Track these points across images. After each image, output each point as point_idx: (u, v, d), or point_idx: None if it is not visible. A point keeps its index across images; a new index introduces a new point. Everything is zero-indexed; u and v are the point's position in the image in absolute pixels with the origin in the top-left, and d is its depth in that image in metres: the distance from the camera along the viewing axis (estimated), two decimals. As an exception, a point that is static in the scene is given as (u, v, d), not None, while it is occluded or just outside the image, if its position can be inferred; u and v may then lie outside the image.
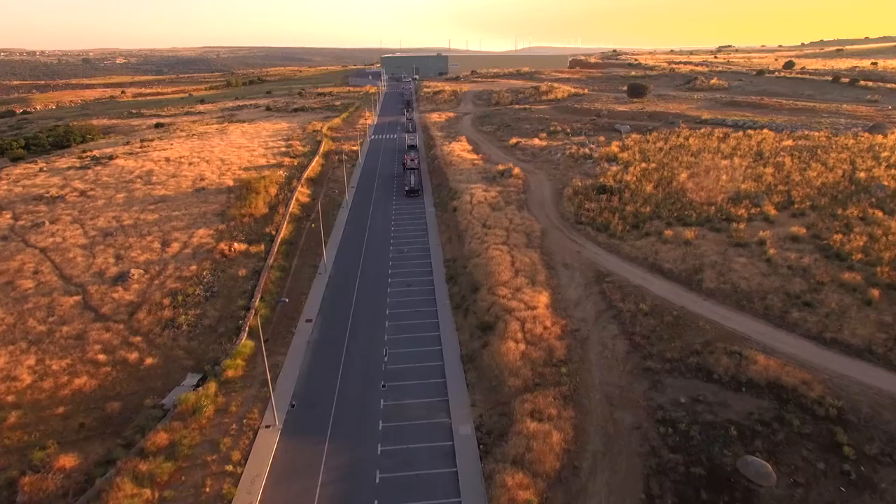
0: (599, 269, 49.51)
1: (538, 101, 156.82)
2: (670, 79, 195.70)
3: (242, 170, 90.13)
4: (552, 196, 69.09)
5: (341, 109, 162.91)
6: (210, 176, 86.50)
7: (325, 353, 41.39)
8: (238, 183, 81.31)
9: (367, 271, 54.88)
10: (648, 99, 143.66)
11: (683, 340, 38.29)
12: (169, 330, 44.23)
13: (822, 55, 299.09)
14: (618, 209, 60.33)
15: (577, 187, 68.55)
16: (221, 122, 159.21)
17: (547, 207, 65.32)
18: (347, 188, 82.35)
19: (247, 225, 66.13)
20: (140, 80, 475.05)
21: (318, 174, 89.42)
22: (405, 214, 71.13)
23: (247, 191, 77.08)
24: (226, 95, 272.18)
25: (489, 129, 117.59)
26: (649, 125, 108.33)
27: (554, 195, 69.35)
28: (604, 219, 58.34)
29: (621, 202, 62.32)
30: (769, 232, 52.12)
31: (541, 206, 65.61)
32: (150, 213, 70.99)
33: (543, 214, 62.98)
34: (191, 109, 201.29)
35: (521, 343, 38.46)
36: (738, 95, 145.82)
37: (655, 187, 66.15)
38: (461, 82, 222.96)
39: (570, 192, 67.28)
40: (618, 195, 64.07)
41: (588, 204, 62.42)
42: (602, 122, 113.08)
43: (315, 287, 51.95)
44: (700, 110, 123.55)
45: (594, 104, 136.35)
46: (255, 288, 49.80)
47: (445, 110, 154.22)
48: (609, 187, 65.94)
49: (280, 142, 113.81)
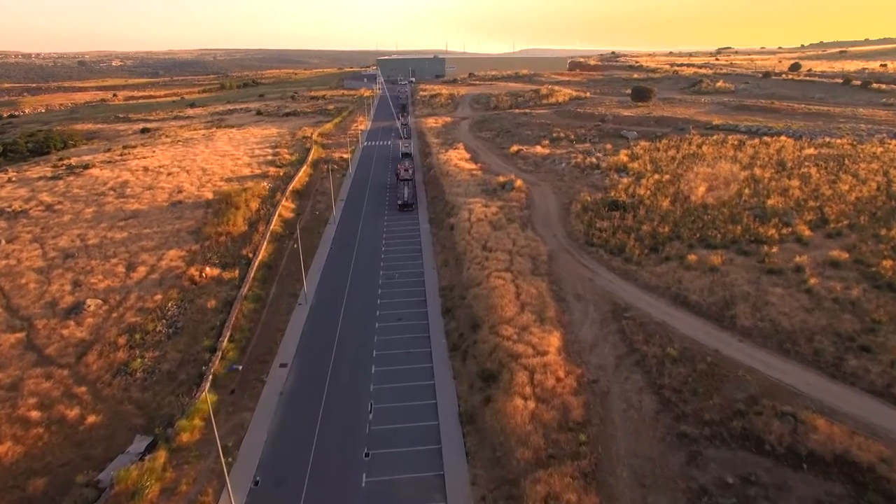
0: (616, 301, 43.54)
1: (538, 105, 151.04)
2: (674, 81, 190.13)
3: (224, 181, 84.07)
4: (558, 212, 63.11)
5: (334, 114, 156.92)
6: (188, 188, 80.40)
7: (301, 407, 35.30)
8: (217, 196, 75.26)
9: (354, 301, 48.79)
10: (653, 102, 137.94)
11: (722, 396, 32.29)
12: (121, 377, 38.07)
13: (826, 57, 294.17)
14: (633, 229, 54.36)
15: (587, 202, 62.57)
16: (209, 127, 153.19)
17: (553, 225, 59.33)
18: (335, 202, 76.23)
19: (223, 245, 59.98)
20: (133, 83, 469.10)
21: (304, 185, 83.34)
22: (397, 232, 65.07)
23: (226, 205, 71.04)
24: (218, 99, 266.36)
25: (488, 136, 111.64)
26: (657, 131, 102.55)
27: (560, 211, 63.37)
28: (618, 240, 52.36)
29: (636, 220, 56.37)
30: (806, 257, 46.16)
31: (546, 224, 59.62)
32: (119, 231, 64.86)
33: (550, 234, 56.98)
34: (180, 114, 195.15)
35: (531, 400, 32.43)
36: (746, 99, 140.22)
37: (672, 202, 60.25)
38: (458, 85, 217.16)
39: (579, 209, 61.31)
40: (632, 212, 58.13)
41: (600, 222, 56.41)
42: (607, 128, 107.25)
43: (294, 321, 45.84)
44: (709, 115, 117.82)
45: (597, 108, 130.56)
46: (225, 324, 43.71)
47: (442, 115, 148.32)
48: (622, 203, 59.99)
49: (267, 149, 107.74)
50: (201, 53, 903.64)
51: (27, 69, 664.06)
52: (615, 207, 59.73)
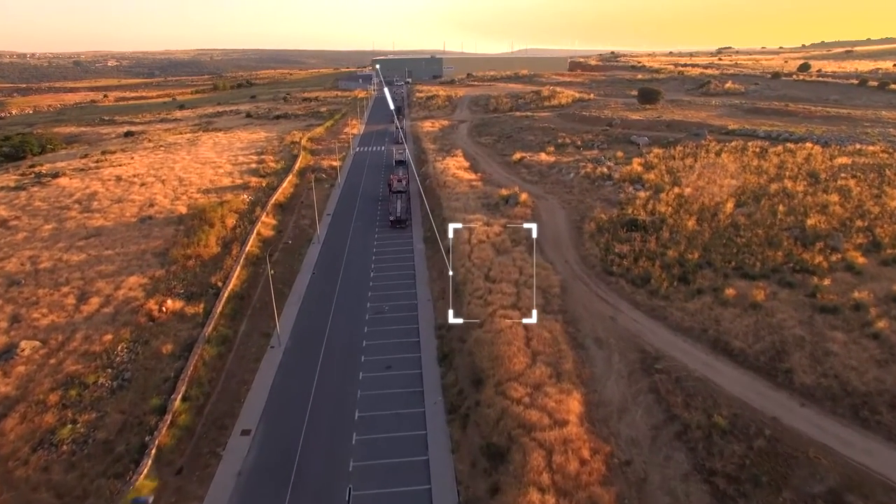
0: (644, 347, 36.72)
1: (540, 108, 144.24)
2: (679, 82, 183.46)
3: (201, 193, 77.00)
4: (569, 231, 56.22)
5: (326, 117, 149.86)
6: (161, 201, 73.33)
7: (262, 493, 28.39)
8: (191, 211, 68.25)
9: (335, 343, 41.86)
10: (661, 105, 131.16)
11: (794, 489, 25.49)
12: (42, 451, 31.04)
13: (832, 57, 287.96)
14: (657, 254, 47.53)
15: (601, 221, 55.65)
16: (195, 130, 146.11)
17: (564, 248, 52.44)
18: (321, 217, 69.19)
19: (191, 271, 52.96)
20: (126, 84, 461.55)
21: (289, 197, 76.33)
22: (389, 253, 58.12)
23: (199, 222, 64.02)
24: (209, 100, 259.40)
25: (488, 141, 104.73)
26: (670, 136, 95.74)
27: (571, 230, 56.49)
28: (641, 268, 45.54)
29: (659, 243, 49.53)
30: (866, 291, 39.35)
31: (557, 247, 52.73)
32: (77, 252, 57.77)
33: (561, 259, 50.09)
34: (167, 116, 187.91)
35: (549, 493, 25.55)
36: (758, 101, 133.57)
37: (699, 221, 53.37)
38: (456, 86, 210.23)
39: (593, 228, 54.41)
40: (654, 234, 51.28)
41: (618, 246, 49.52)
42: (616, 133, 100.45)
43: (263, 370, 38.90)
44: (722, 118, 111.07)
45: (603, 111, 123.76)
46: (181, 375, 36.75)
47: (439, 118, 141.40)
48: (642, 222, 53.11)
49: (251, 156, 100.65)
50: (198, 54, 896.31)
51: (22, 69, 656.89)
52: (634, 227, 52.84)
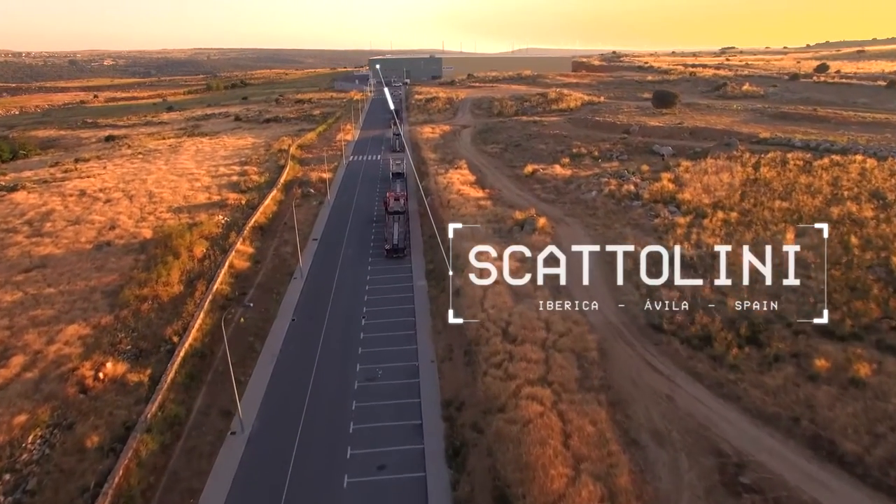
0: (719, 445, 27.74)
1: (548, 111, 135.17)
2: (692, 84, 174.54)
3: (172, 212, 67.90)
4: (600, 268, 47.08)
5: (319, 121, 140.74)
6: (125, 222, 64.23)
7: None
8: (157, 235, 59.13)
9: (314, 427, 32.68)
10: (678, 109, 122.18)
11: None
12: None
13: (844, 57, 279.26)
14: (715, 304, 38.52)
15: (638, 255, 46.55)
16: (180, 135, 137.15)
17: (597, 291, 43.37)
18: (306, 243, 60.04)
19: (144, 317, 43.82)
20: (118, 84, 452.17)
21: (271, 218, 67.14)
22: (384, 293, 48.91)
23: (164, 250, 54.94)
24: (201, 101, 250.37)
25: (495, 150, 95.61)
26: (695, 146, 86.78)
27: (602, 266, 47.35)
28: (697, 325, 36.55)
29: (714, 287, 40.49)
30: None
31: (587, 289, 43.63)
32: (11, 291, 48.64)
33: (594, 306, 41.02)
34: (153, 119, 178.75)
35: None
36: (782, 105, 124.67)
37: (757, 257, 44.27)
38: (457, 87, 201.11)
39: (630, 265, 45.30)
40: (706, 274, 42.25)
41: (666, 291, 40.47)
42: (635, 142, 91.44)
43: (218, 471, 29.72)
44: (748, 125, 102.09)
45: (617, 116, 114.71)
46: (105, 483, 27.62)
47: (440, 122, 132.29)
48: (689, 259, 44.09)
49: (234, 167, 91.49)
50: (195, 53, 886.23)
51: (16, 68, 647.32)
52: (682, 265, 43.75)
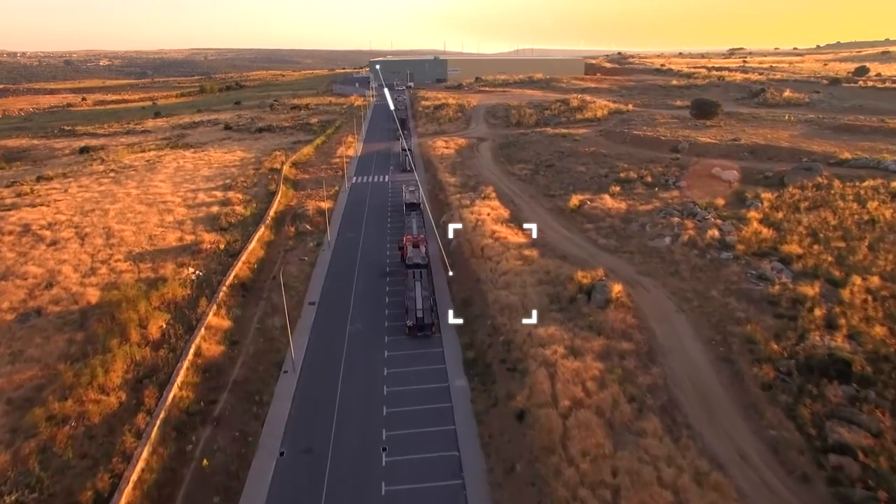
0: None
1: (572, 121, 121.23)
2: (723, 90, 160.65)
3: (131, 260, 53.91)
4: (715, 371, 33.20)
5: (317, 131, 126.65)
6: (68, 276, 50.25)
7: None
8: (104, 299, 45.14)
9: None
10: (722, 120, 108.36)
11: None
12: None
13: (868, 58, 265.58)
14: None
15: (772, 355, 32.67)
16: (162, 147, 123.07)
17: (726, 418, 29.46)
18: (301, 311, 45.98)
19: (59, 455, 29.86)
20: (110, 85, 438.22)
21: (256, 269, 53.00)
22: (409, 402, 34.67)
23: (108, 325, 41.06)
24: (191, 106, 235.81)
25: (524, 172, 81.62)
26: (763, 169, 73.11)
27: (716, 366, 33.51)
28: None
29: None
30: None
31: (710, 415, 29.74)
32: None
33: (730, 447, 27.17)
34: (136, 126, 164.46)
35: None
36: (839, 115, 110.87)
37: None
38: (465, 92, 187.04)
39: (766, 375, 31.41)
40: (877, 386, 28.54)
41: (842, 431, 26.53)
42: (690, 164, 77.57)
43: None
44: (812, 140, 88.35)
45: (657, 129, 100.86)
46: None
47: (453, 133, 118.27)
48: (859, 373, 30.21)
49: (216, 192, 77.43)
50: (192, 53, 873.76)
51: (10, 68, 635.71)
52: (840, 376, 30.02)
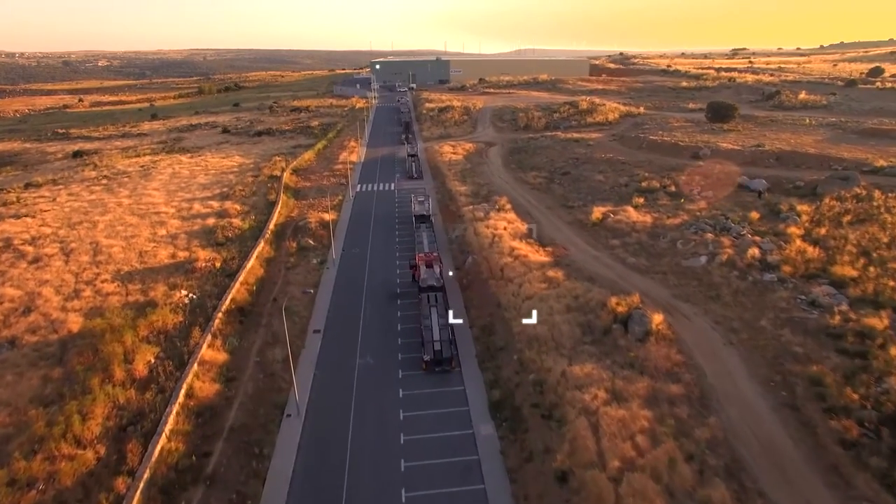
0: None
1: (583, 125, 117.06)
2: (734, 91, 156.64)
3: (119, 279, 49.61)
4: (777, 417, 28.95)
5: (318, 135, 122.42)
6: (49, 299, 45.95)
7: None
8: (88, 327, 40.84)
9: None
10: (740, 124, 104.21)
11: None
12: None
13: (880, 58, 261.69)
14: None
15: (848, 405, 28.41)
16: (157, 151, 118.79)
17: (802, 480, 25.10)
18: (304, 340, 41.65)
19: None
20: (107, 86, 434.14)
21: (255, 291, 48.62)
22: (430, 453, 30.29)
23: (90, 360, 36.79)
24: (188, 107, 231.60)
25: (538, 180, 77.35)
26: (793, 177, 68.98)
27: (780, 411, 29.23)
28: None
29: None
30: None
31: (781, 472, 25.44)
32: None
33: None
34: (132, 129, 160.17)
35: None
36: (861, 118, 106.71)
37: None
38: (470, 94, 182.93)
39: (848, 431, 27.15)
40: None
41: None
42: (714, 172, 73.38)
43: None
44: (839, 145, 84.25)
45: (673, 134, 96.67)
46: None
47: (459, 138, 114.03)
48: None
49: (213, 202, 73.16)
50: (191, 53, 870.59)
51: (8, 69, 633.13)
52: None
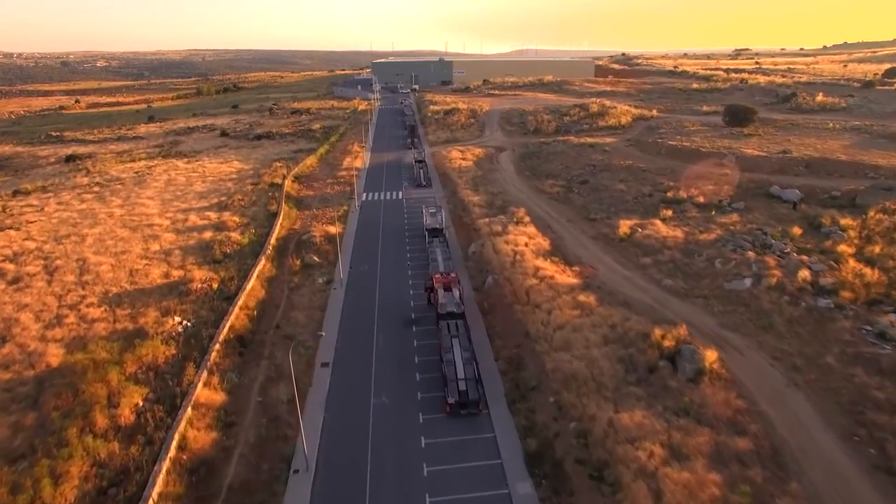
0: None
1: (595, 128, 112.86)
2: (747, 93, 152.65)
3: (106, 303, 45.31)
4: (871, 483, 24.76)
5: (320, 139, 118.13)
6: (27, 327, 41.66)
7: None
8: (67, 364, 36.54)
9: None
10: (759, 128, 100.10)
11: None
12: None
13: (890, 59, 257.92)
14: None
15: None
16: (153, 156, 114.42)
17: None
18: (312, 374, 37.37)
19: None
20: (105, 87, 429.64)
21: (255, 313, 44.26)
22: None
23: (68, 405, 32.55)
24: (187, 109, 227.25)
25: (555, 189, 73.05)
26: (828, 187, 64.86)
27: (872, 475, 25.05)
28: None
29: None
30: None
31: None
32: None
33: None
34: (128, 132, 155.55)
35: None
36: (883, 121, 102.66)
37: None
38: (475, 95, 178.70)
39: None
40: None
41: None
42: (742, 180, 69.21)
43: None
44: (869, 151, 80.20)
45: (691, 139, 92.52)
46: None
47: (467, 142, 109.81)
48: None
49: (210, 212, 68.86)
50: (190, 54, 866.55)
51: (6, 69, 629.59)
52: None
